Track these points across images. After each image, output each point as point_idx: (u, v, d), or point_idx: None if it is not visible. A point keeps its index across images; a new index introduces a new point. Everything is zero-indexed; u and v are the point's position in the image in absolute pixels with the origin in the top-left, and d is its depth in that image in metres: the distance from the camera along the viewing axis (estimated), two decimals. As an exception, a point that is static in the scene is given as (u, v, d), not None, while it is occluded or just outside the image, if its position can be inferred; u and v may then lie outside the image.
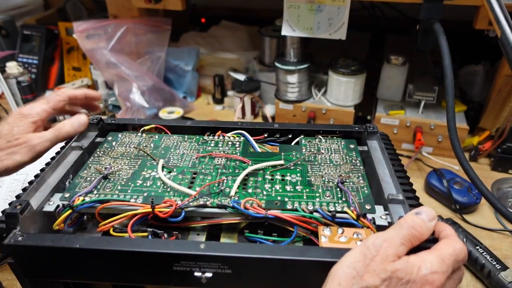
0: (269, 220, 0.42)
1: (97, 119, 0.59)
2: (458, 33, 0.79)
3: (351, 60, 0.90)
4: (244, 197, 0.45)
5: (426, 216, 0.36)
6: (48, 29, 1.16)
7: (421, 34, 0.70)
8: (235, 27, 1.22)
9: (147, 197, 0.45)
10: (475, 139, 0.85)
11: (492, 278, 0.56)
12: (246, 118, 1.02)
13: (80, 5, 1.33)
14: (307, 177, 0.49)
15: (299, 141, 0.57)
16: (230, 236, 0.45)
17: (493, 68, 0.92)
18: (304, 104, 0.93)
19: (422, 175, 0.80)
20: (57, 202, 0.46)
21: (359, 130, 0.58)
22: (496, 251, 0.59)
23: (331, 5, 0.79)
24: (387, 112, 0.87)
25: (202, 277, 0.39)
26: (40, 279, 0.43)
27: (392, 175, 0.48)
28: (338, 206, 0.44)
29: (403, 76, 0.89)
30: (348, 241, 0.39)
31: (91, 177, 0.49)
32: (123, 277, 0.42)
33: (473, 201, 0.71)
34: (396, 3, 0.99)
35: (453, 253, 0.35)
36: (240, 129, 0.58)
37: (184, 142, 0.56)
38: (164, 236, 0.43)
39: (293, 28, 0.83)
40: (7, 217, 0.41)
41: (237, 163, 0.52)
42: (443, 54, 0.61)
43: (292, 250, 0.38)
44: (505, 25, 0.51)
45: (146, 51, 1.04)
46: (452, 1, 0.68)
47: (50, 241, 0.39)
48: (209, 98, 1.12)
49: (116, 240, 0.40)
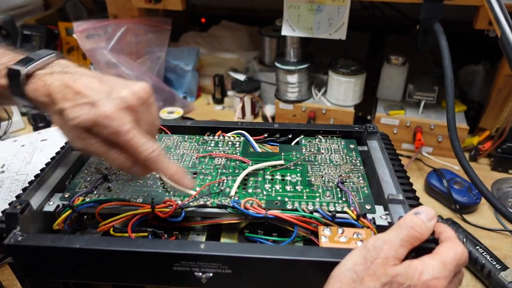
0: (269, 220, 0.42)
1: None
2: (458, 33, 0.79)
3: (351, 60, 0.90)
4: (244, 197, 0.45)
5: (425, 215, 0.36)
6: (48, 29, 1.15)
7: (421, 34, 0.70)
8: (235, 27, 1.22)
9: (147, 197, 0.45)
10: (475, 139, 0.85)
11: (492, 278, 0.56)
12: (246, 118, 1.02)
13: (80, 5, 1.33)
14: (307, 177, 0.49)
15: (299, 141, 0.57)
16: (230, 236, 0.45)
17: (493, 68, 0.92)
18: (304, 104, 0.93)
19: (422, 175, 0.80)
20: (57, 202, 0.46)
21: (359, 130, 0.58)
22: (496, 251, 0.59)
23: (331, 5, 0.79)
24: (387, 112, 0.87)
25: (202, 277, 0.39)
26: (40, 279, 0.43)
27: (392, 175, 0.48)
28: (338, 206, 0.44)
29: (403, 76, 0.89)
30: (348, 241, 0.39)
31: (91, 177, 0.49)
32: (123, 277, 0.42)
33: (473, 201, 0.70)
34: (396, 3, 0.99)
35: (455, 257, 0.34)
36: (240, 129, 0.58)
37: (184, 142, 0.56)
38: (164, 236, 0.43)
39: (293, 28, 0.83)
40: (7, 217, 0.41)
41: (237, 163, 0.52)
42: (443, 54, 0.61)
43: (292, 250, 0.38)
44: (505, 25, 0.51)
45: (146, 51, 1.04)
46: (452, 1, 0.68)
47: (50, 241, 0.39)
48: (209, 98, 1.12)
49: (116, 240, 0.40)
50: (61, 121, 0.42)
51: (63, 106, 0.41)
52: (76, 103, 0.40)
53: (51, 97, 0.41)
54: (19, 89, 0.43)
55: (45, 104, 0.42)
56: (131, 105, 0.41)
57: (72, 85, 0.41)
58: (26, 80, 0.43)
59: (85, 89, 0.41)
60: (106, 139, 0.40)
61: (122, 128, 0.39)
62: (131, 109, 0.41)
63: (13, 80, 0.43)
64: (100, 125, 0.39)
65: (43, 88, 0.42)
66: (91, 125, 0.39)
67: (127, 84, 0.42)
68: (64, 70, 0.44)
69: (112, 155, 0.41)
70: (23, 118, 1.00)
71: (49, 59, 0.45)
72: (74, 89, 0.41)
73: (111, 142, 0.41)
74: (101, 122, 0.39)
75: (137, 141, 0.40)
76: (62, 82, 0.42)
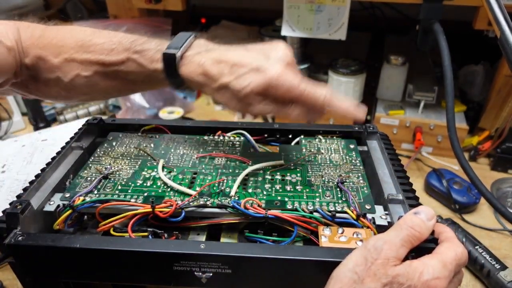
0: (269, 220, 0.42)
1: (98, 119, 0.59)
2: (458, 33, 0.79)
3: (351, 60, 0.90)
4: (244, 197, 0.45)
5: (425, 215, 0.36)
6: (48, 29, 1.15)
7: (420, 34, 0.70)
8: (235, 27, 1.22)
9: (147, 197, 0.46)
10: (474, 139, 0.85)
11: (491, 278, 0.56)
12: (246, 118, 1.02)
13: (80, 5, 1.33)
14: (307, 177, 0.49)
15: (299, 141, 0.57)
16: (230, 236, 0.45)
17: (493, 68, 0.92)
18: (304, 104, 0.93)
19: (422, 175, 0.80)
20: (57, 202, 0.46)
21: (359, 130, 0.58)
22: (495, 251, 0.59)
23: (331, 5, 0.79)
24: (387, 112, 0.87)
25: (202, 277, 0.39)
26: (40, 279, 0.43)
27: (392, 175, 0.48)
28: (338, 206, 0.44)
29: (403, 76, 0.90)
30: (348, 241, 0.40)
31: (92, 177, 0.49)
32: (123, 277, 0.42)
33: (473, 201, 0.71)
34: (396, 3, 0.99)
35: (455, 257, 0.35)
36: (240, 129, 0.58)
37: (184, 142, 0.57)
38: (164, 236, 0.43)
39: (293, 28, 0.83)
40: (8, 217, 0.41)
41: (237, 163, 0.52)
42: (443, 54, 0.61)
43: (292, 250, 0.38)
44: (505, 25, 0.51)
45: (146, 51, 1.04)
46: (452, 1, 0.68)
47: (50, 241, 0.39)
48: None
49: (116, 240, 0.40)
50: (226, 95, 0.45)
51: (225, 80, 0.44)
52: (239, 74, 0.43)
53: (208, 75, 0.44)
54: (175, 71, 0.46)
55: (201, 84, 0.46)
56: (289, 62, 0.44)
57: (225, 60, 0.44)
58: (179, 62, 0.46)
59: (239, 60, 0.44)
60: (279, 98, 0.44)
61: (293, 83, 0.42)
62: (291, 65, 0.44)
63: (169, 63, 0.46)
64: (273, 86, 0.42)
65: (198, 68, 0.45)
66: (264, 88, 0.42)
67: (274, 46, 0.45)
68: (208, 49, 0.47)
69: (288, 110, 0.45)
70: (23, 118, 1.00)
71: (191, 40, 0.47)
72: (229, 62, 0.44)
73: (283, 99, 0.44)
74: (274, 83, 0.42)
75: (310, 90, 0.43)
76: (214, 59, 0.44)
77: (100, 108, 1.02)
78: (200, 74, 0.45)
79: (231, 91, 0.44)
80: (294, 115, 0.45)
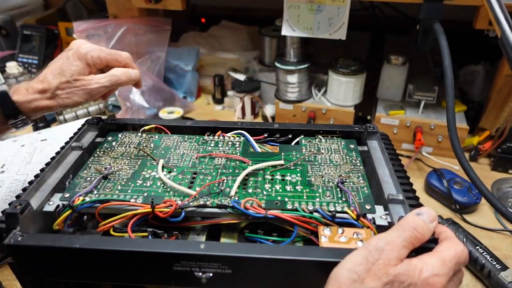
0: (269, 220, 0.42)
1: (97, 119, 0.59)
2: (458, 33, 0.79)
3: (351, 60, 0.90)
4: (244, 197, 0.45)
5: (427, 217, 0.36)
6: (48, 29, 1.16)
7: (421, 34, 0.70)
8: (235, 27, 1.22)
9: (147, 197, 0.45)
10: (475, 139, 0.85)
11: (492, 278, 0.56)
12: (246, 118, 1.02)
13: (80, 5, 1.33)
14: (307, 177, 0.49)
15: (299, 141, 0.57)
16: (230, 236, 0.45)
17: (493, 68, 0.92)
18: (304, 104, 0.93)
19: (422, 175, 0.80)
20: (57, 202, 0.46)
21: (359, 130, 0.58)
22: (496, 251, 0.59)
23: (331, 5, 0.79)
24: (387, 112, 0.87)
25: (202, 277, 0.39)
26: (40, 279, 0.43)
27: (392, 175, 0.48)
28: (338, 206, 0.44)
29: (403, 76, 0.89)
30: (348, 241, 0.39)
31: (91, 177, 0.49)
32: (123, 277, 0.42)
33: (473, 201, 0.71)
34: (396, 3, 0.99)
35: (455, 255, 0.35)
36: (240, 129, 0.58)
37: (184, 142, 0.56)
38: (164, 236, 0.43)
39: (293, 28, 0.83)
40: (7, 217, 0.41)
41: (237, 163, 0.52)
42: (443, 54, 0.61)
43: (292, 250, 0.38)
44: (505, 25, 0.51)
45: (146, 51, 1.04)
46: (452, 1, 0.68)
47: (50, 241, 0.39)
48: (209, 98, 1.12)
49: (116, 240, 0.40)
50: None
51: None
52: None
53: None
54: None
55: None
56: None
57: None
58: None
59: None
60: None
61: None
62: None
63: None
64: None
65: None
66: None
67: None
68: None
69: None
70: (23, 118, 1.00)
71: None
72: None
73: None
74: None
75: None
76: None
77: (99, 108, 1.01)
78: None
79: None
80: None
